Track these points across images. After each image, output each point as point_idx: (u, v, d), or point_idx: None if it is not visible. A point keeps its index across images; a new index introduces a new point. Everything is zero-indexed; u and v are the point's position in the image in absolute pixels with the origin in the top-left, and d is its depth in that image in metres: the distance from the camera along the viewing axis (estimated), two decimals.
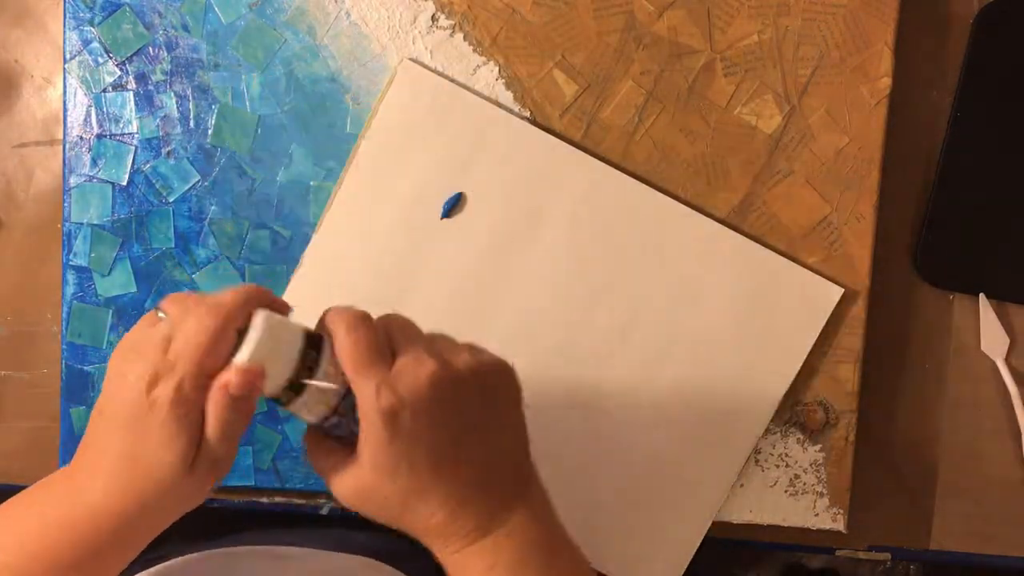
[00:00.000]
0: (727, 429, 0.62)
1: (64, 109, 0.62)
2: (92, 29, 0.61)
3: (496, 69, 0.61)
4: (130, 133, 0.62)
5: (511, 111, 0.61)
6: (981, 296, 0.65)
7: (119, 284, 0.63)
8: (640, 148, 0.62)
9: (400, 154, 0.61)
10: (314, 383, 0.43)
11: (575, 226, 0.61)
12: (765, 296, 0.62)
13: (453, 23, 0.61)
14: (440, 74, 0.61)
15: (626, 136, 0.62)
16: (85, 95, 0.62)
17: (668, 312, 0.61)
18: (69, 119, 0.62)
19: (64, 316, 0.63)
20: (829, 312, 0.62)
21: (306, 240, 0.62)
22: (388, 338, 0.45)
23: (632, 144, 0.62)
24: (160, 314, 0.45)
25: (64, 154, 0.62)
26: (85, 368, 0.63)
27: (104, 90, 0.62)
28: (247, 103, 0.62)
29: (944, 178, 0.64)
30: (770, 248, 0.62)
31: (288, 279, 0.62)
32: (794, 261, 0.62)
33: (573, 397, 0.62)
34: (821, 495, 0.64)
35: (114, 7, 0.61)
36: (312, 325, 0.46)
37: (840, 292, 0.62)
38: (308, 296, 0.62)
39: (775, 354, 0.62)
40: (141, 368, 0.42)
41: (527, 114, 0.61)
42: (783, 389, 0.62)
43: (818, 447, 0.63)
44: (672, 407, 0.62)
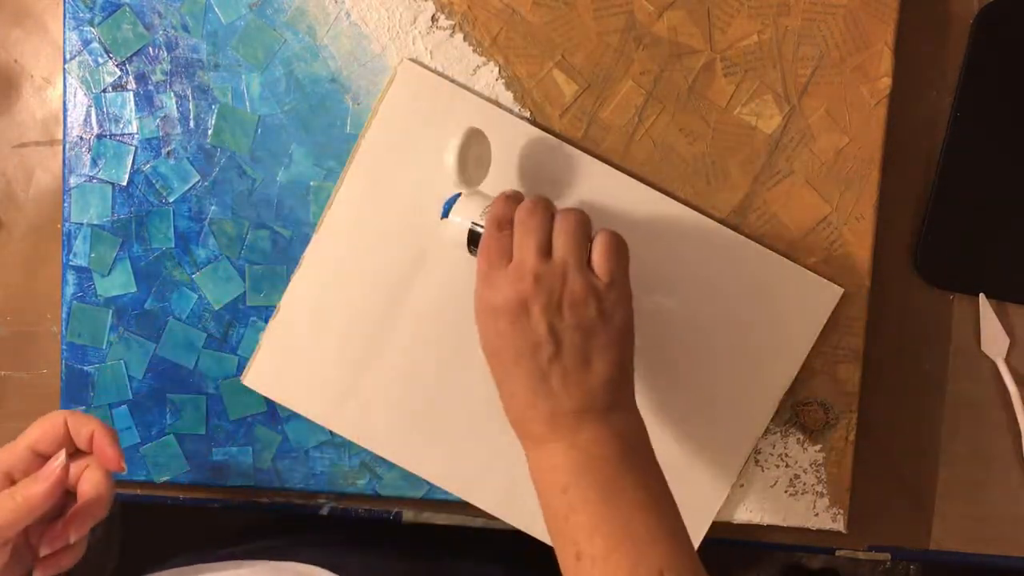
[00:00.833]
0: (727, 429, 0.62)
1: (64, 109, 0.62)
2: (92, 29, 0.61)
3: (496, 69, 0.61)
4: (130, 133, 0.62)
5: (511, 111, 0.61)
6: (981, 296, 0.65)
7: (119, 284, 0.63)
8: (640, 148, 0.62)
9: (400, 154, 0.61)
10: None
11: None
12: (765, 296, 0.62)
13: (453, 23, 0.61)
14: (440, 74, 0.61)
15: (626, 136, 0.62)
16: (85, 95, 0.62)
17: (667, 312, 0.61)
18: (69, 119, 0.62)
19: (64, 316, 0.63)
20: (829, 312, 0.62)
21: (306, 240, 0.62)
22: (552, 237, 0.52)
23: (632, 144, 0.62)
24: None
25: (64, 154, 0.62)
26: (85, 368, 0.63)
27: (104, 90, 0.62)
28: (247, 103, 0.62)
29: (944, 178, 0.64)
30: (770, 248, 0.62)
31: (288, 279, 0.62)
32: (794, 261, 0.62)
33: None
34: (821, 495, 0.64)
35: (114, 7, 0.61)
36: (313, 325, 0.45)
37: (840, 292, 0.62)
38: (308, 296, 0.62)
39: (775, 354, 0.62)
40: None
41: (527, 114, 0.61)
42: (783, 389, 0.62)
43: (818, 447, 0.63)
44: (672, 407, 0.62)
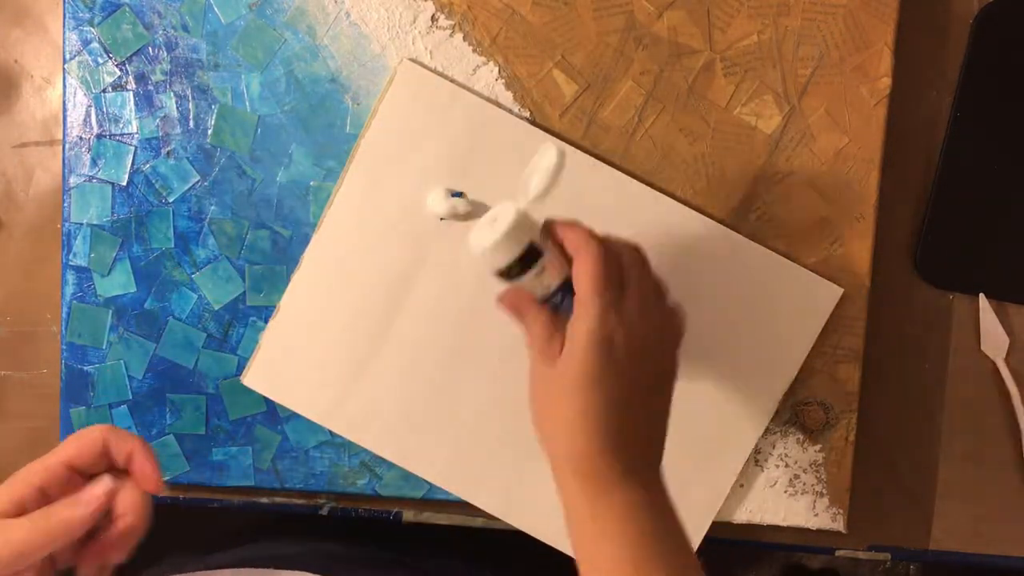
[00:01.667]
0: (727, 429, 0.62)
1: (64, 109, 0.62)
2: (92, 29, 0.61)
3: (496, 69, 0.61)
4: (130, 133, 0.62)
5: (511, 111, 0.61)
6: (981, 296, 0.65)
7: (119, 284, 0.63)
8: (640, 148, 0.62)
9: (400, 154, 0.61)
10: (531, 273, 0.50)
11: None
12: (765, 296, 0.62)
13: (453, 23, 0.61)
14: (440, 74, 0.61)
15: (626, 136, 0.62)
16: (85, 95, 0.62)
17: None
18: (69, 119, 0.62)
19: (64, 316, 0.63)
20: (829, 312, 0.62)
21: (306, 240, 0.62)
22: (619, 267, 0.50)
23: (632, 144, 0.62)
24: None
25: (64, 154, 0.62)
26: (85, 368, 0.63)
27: (104, 90, 0.62)
28: (247, 103, 0.62)
29: (944, 178, 0.64)
30: (770, 248, 0.62)
31: (288, 279, 0.62)
32: (794, 261, 0.62)
33: None
34: (821, 495, 0.64)
35: (114, 7, 0.61)
36: (313, 325, 0.46)
37: (840, 292, 0.62)
38: (308, 296, 0.62)
39: (775, 354, 0.62)
40: None
41: (527, 114, 0.61)
42: (783, 389, 0.62)
43: (818, 447, 0.63)
44: (672, 407, 0.62)
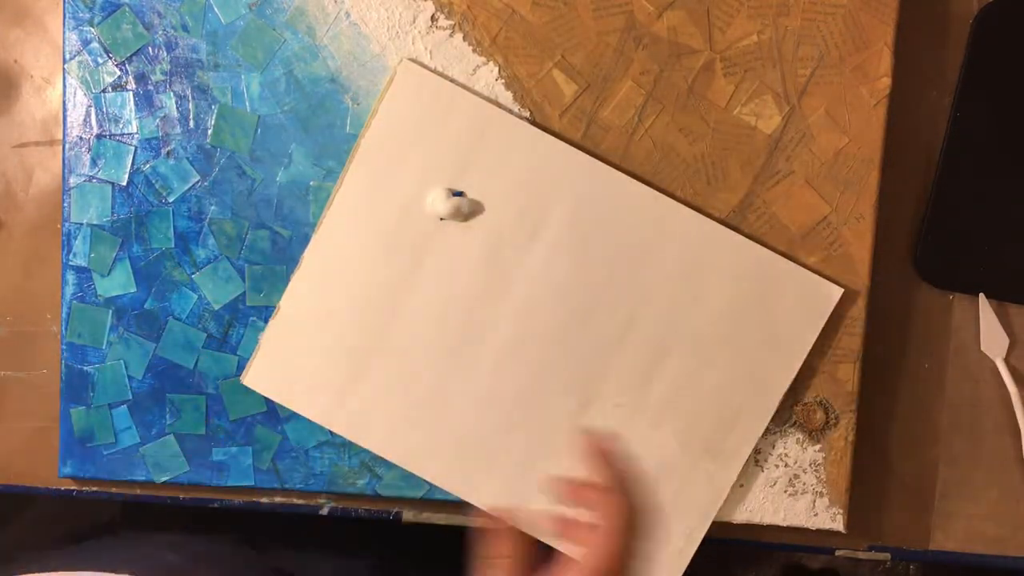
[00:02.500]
0: (727, 429, 0.62)
1: (64, 109, 0.62)
2: (92, 29, 0.61)
3: (496, 69, 0.61)
4: (130, 133, 0.62)
5: (511, 111, 0.61)
6: (981, 296, 0.65)
7: (119, 284, 0.63)
8: (640, 148, 0.62)
9: (400, 154, 0.61)
10: None
11: (575, 226, 0.61)
12: (765, 296, 0.62)
13: (453, 23, 0.61)
14: (440, 74, 0.61)
15: (626, 136, 0.62)
16: (85, 95, 0.62)
17: (668, 312, 0.61)
18: (69, 119, 0.62)
19: (64, 316, 0.63)
20: (829, 312, 0.62)
21: (306, 240, 0.62)
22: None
23: (632, 144, 0.62)
24: None
25: (64, 154, 0.62)
26: (85, 368, 0.63)
27: (104, 90, 0.62)
28: (247, 103, 0.62)
29: (944, 178, 0.64)
30: (770, 248, 0.62)
31: (288, 279, 0.62)
32: (794, 261, 0.62)
33: (572, 398, 0.62)
34: (821, 495, 0.64)
35: (114, 7, 0.61)
36: (313, 325, 0.45)
37: (840, 292, 0.62)
38: (308, 296, 0.62)
39: (775, 354, 0.62)
40: None
41: (527, 114, 0.61)
42: (783, 389, 0.62)
43: (818, 447, 0.63)
44: (671, 407, 0.62)
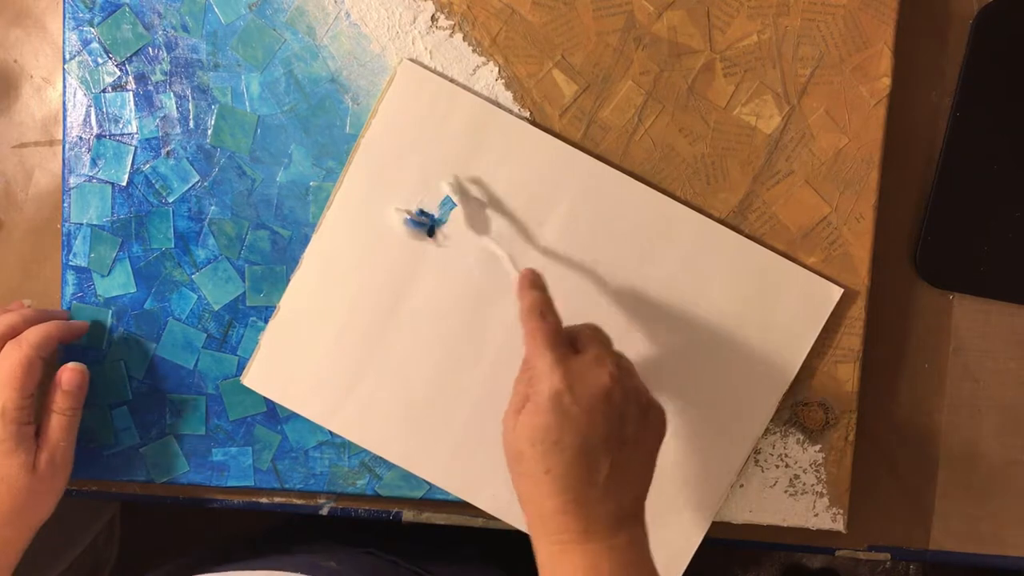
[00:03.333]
0: (727, 429, 0.62)
1: (63, 109, 0.62)
2: (92, 29, 0.61)
3: (496, 69, 0.61)
4: (129, 133, 0.62)
5: (511, 111, 0.61)
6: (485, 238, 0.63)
7: (119, 284, 0.63)
8: (640, 148, 0.62)
9: (400, 154, 0.61)
10: None
11: (575, 226, 0.61)
12: (765, 296, 0.62)
13: (453, 23, 0.61)
14: (440, 74, 0.61)
15: (626, 136, 0.62)
16: (84, 95, 0.62)
17: (668, 312, 0.61)
18: (68, 119, 0.62)
19: None
20: (829, 312, 0.62)
21: (306, 240, 0.62)
22: (576, 333, 0.52)
23: (632, 144, 0.62)
24: None
25: (63, 154, 0.62)
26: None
27: (104, 90, 0.62)
28: (247, 103, 0.62)
29: (944, 178, 0.64)
30: (770, 248, 0.62)
31: (287, 279, 0.62)
32: (794, 261, 0.62)
33: None
34: (821, 495, 0.64)
35: (113, 7, 0.61)
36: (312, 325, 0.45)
37: (840, 292, 0.62)
38: (308, 296, 0.62)
39: (775, 354, 0.62)
40: None
41: (527, 114, 0.61)
42: (783, 389, 0.62)
43: (818, 447, 0.63)
44: (671, 407, 0.62)
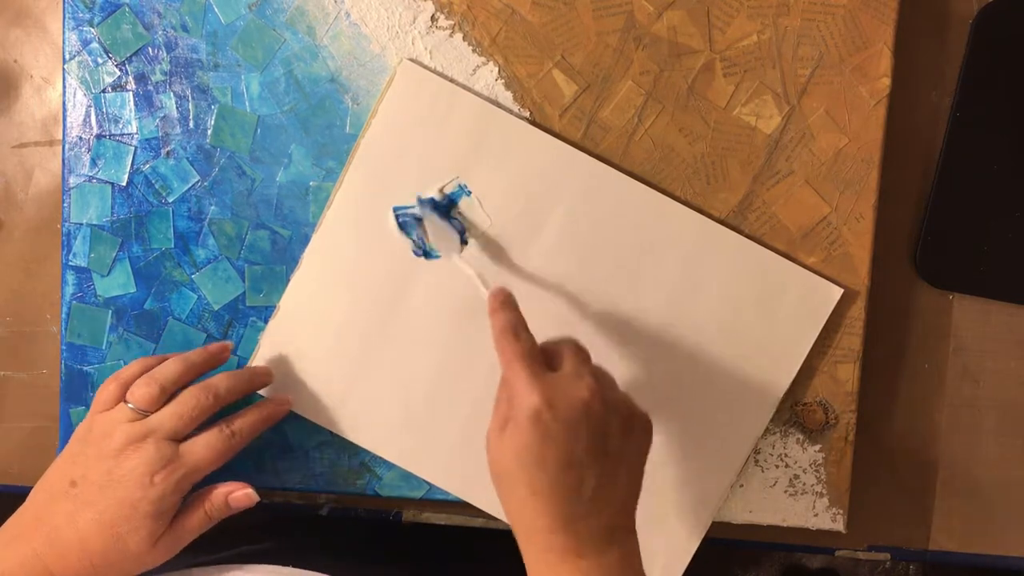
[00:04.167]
0: (727, 429, 0.62)
1: (63, 109, 0.62)
2: (91, 29, 0.61)
3: (496, 69, 0.61)
4: (129, 133, 0.62)
5: (511, 111, 0.61)
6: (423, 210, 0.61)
7: (118, 284, 0.63)
8: (640, 148, 0.62)
9: (400, 154, 0.61)
10: None
11: (574, 226, 0.61)
12: (765, 296, 0.62)
13: (452, 23, 0.61)
14: (440, 74, 0.61)
15: (626, 136, 0.62)
16: (84, 95, 0.62)
17: (667, 312, 0.61)
18: (68, 119, 0.62)
19: (63, 316, 0.63)
20: (829, 312, 0.62)
21: (306, 240, 0.62)
22: (552, 350, 0.51)
23: (632, 144, 0.62)
24: (130, 405, 0.54)
25: (63, 154, 0.62)
26: (84, 368, 0.63)
27: (103, 90, 0.62)
28: (247, 103, 0.62)
29: (944, 178, 0.64)
30: (770, 248, 0.62)
31: (287, 279, 0.62)
32: (794, 261, 0.62)
33: None
34: (821, 495, 0.64)
35: (113, 7, 0.61)
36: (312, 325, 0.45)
37: (840, 292, 0.62)
38: (308, 296, 0.62)
39: (775, 354, 0.62)
40: (144, 457, 0.53)
41: (527, 114, 0.61)
42: (783, 389, 0.62)
43: (818, 447, 0.63)
44: (671, 407, 0.62)
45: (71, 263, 0.62)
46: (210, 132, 0.62)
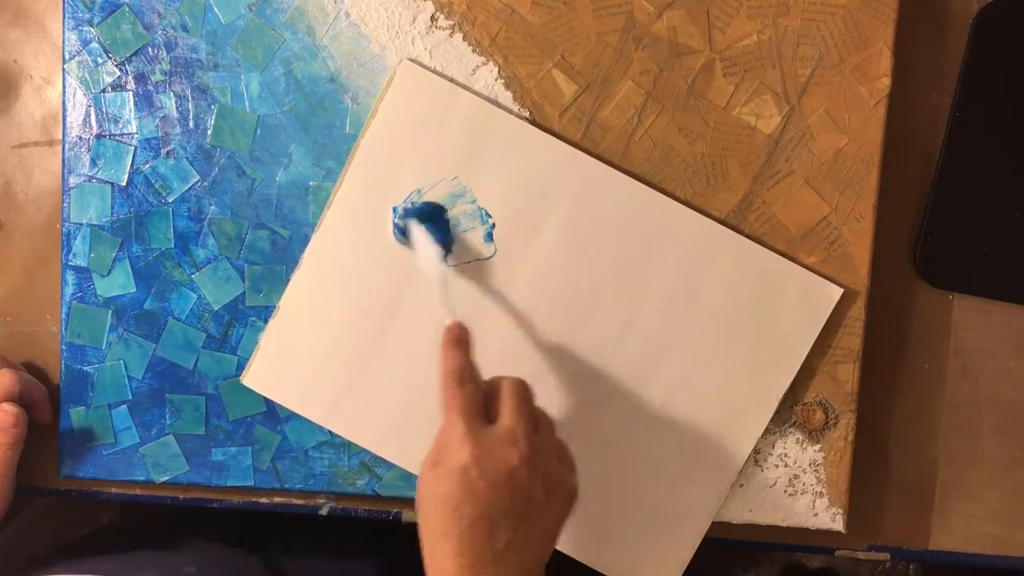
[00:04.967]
0: (727, 429, 0.62)
1: (63, 109, 0.62)
2: (91, 29, 0.61)
3: (495, 69, 0.61)
4: (129, 133, 0.62)
5: (510, 111, 0.61)
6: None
7: (118, 284, 0.63)
8: (640, 148, 0.62)
9: (400, 154, 0.61)
10: None
11: (574, 226, 0.61)
12: (765, 296, 0.62)
13: (452, 23, 0.61)
14: (439, 74, 0.61)
15: (625, 136, 0.62)
16: (84, 95, 0.62)
17: (667, 312, 0.61)
18: (68, 119, 0.62)
19: (63, 316, 0.63)
20: (829, 312, 0.62)
21: (306, 240, 0.62)
22: (495, 394, 0.53)
23: (632, 144, 0.62)
24: None
25: (63, 154, 0.62)
26: (84, 368, 0.63)
27: (103, 90, 0.62)
28: (246, 103, 0.62)
29: (944, 178, 0.64)
30: (770, 248, 0.62)
31: (287, 279, 0.62)
32: (794, 261, 0.62)
33: (572, 397, 0.62)
34: (821, 495, 0.64)
35: (113, 7, 0.61)
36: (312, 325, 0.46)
37: (840, 292, 0.62)
38: (308, 296, 0.62)
39: (775, 354, 0.62)
40: None
41: (526, 114, 0.61)
42: (783, 389, 0.62)
43: (818, 447, 0.63)
44: (672, 407, 0.62)
45: (71, 263, 0.62)
46: (210, 132, 0.62)
